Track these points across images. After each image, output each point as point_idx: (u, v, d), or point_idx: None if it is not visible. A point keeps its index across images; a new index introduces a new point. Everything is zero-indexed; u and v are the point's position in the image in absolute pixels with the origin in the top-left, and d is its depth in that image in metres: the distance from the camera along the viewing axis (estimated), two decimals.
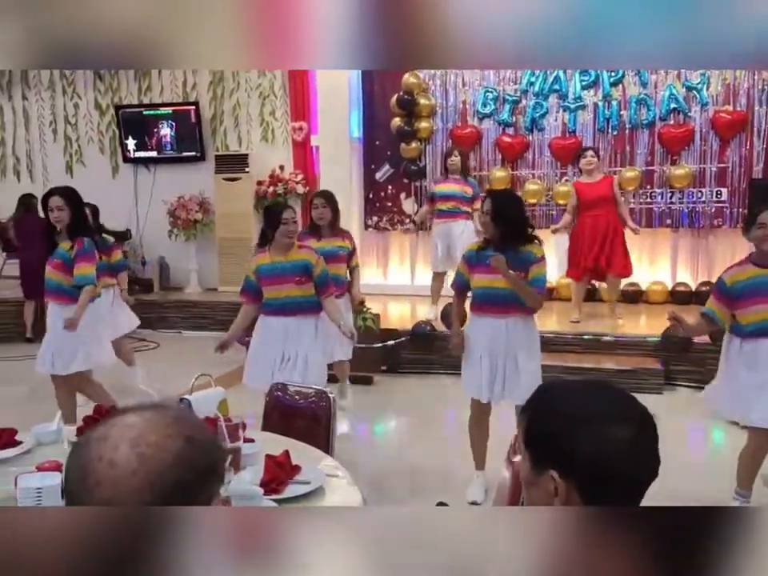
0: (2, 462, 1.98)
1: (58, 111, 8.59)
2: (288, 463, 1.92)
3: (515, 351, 3.27)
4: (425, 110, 7.20)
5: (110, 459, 0.75)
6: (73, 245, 3.73)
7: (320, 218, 4.23)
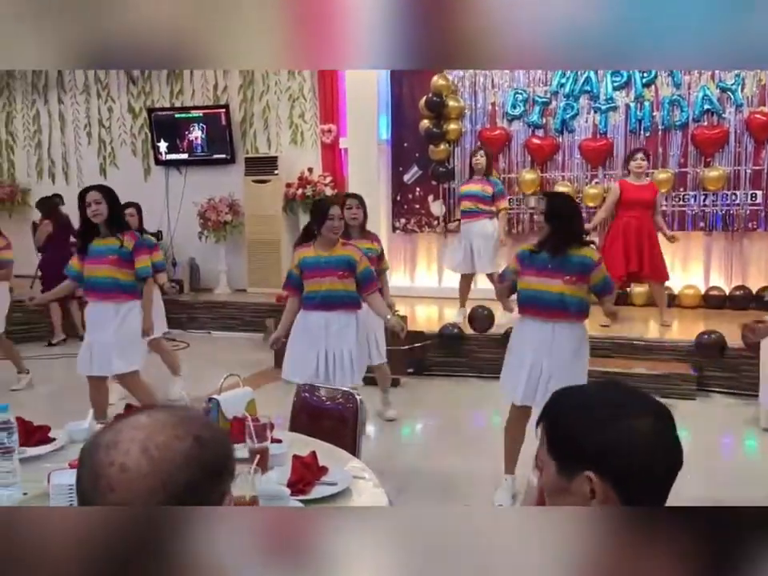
0: (36, 459, 2.02)
1: (92, 114, 8.76)
2: (315, 464, 1.92)
3: (560, 357, 3.21)
4: (454, 111, 7.18)
5: (122, 463, 0.75)
6: (122, 240, 3.75)
7: (353, 218, 4.21)
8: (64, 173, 8.95)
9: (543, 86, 7.03)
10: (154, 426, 0.78)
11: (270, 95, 8.04)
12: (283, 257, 7.83)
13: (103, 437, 0.78)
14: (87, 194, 3.75)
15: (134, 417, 0.81)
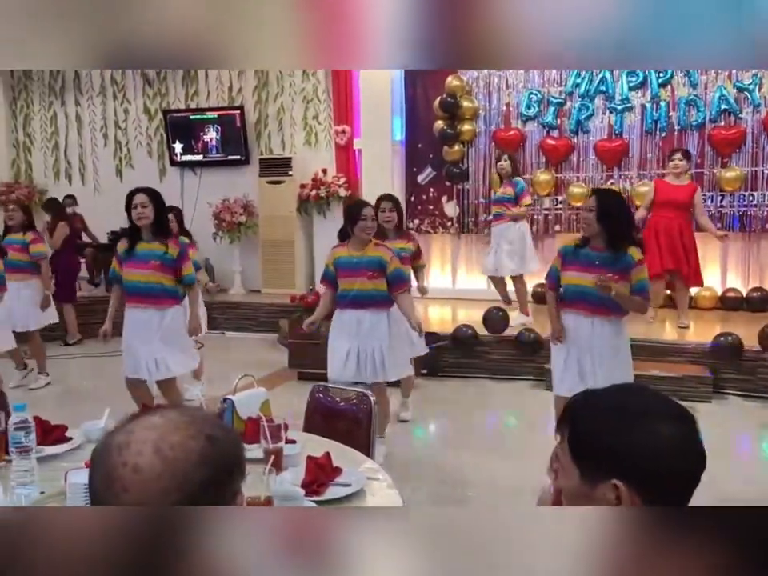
0: (53, 458, 2.05)
1: (108, 116, 8.83)
2: (329, 465, 1.93)
3: (600, 351, 3.33)
4: (468, 112, 7.17)
5: (135, 464, 0.74)
6: (167, 245, 3.69)
7: (387, 220, 4.35)
8: (81, 174, 9.04)
9: (558, 86, 7.00)
10: (166, 426, 0.78)
11: (284, 96, 8.07)
12: (297, 257, 7.86)
13: (115, 438, 0.78)
14: (134, 196, 3.70)
15: (145, 417, 0.81)
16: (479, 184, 7.36)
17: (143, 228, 3.70)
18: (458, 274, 7.69)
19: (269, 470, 1.71)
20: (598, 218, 3.23)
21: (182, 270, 3.74)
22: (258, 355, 6.41)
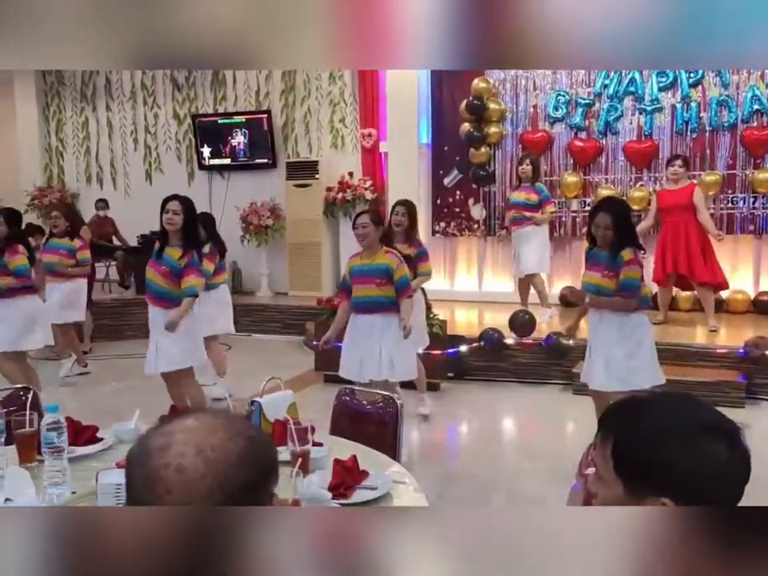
0: (85, 458, 2.07)
1: (138, 121, 8.97)
2: (356, 468, 1.92)
3: (608, 342, 3.52)
4: (494, 114, 7.13)
5: (178, 465, 0.75)
6: (183, 255, 3.82)
7: (397, 225, 4.47)
8: (112, 178, 9.19)
9: (586, 87, 6.93)
10: (205, 428, 0.79)
11: (311, 100, 8.11)
12: (323, 260, 7.89)
13: (153, 440, 0.78)
14: (168, 202, 3.91)
15: (180, 420, 0.81)
16: (506, 186, 7.30)
17: (170, 233, 3.88)
18: (484, 277, 7.64)
19: (296, 473, 1.71)
20: (614, 232, 3.45)
21: (182, 280, 3.84)
22: (285, 357, 6.45)
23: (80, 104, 9.21)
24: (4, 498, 1.70)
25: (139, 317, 7.36)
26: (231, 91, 8.49)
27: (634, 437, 0.99)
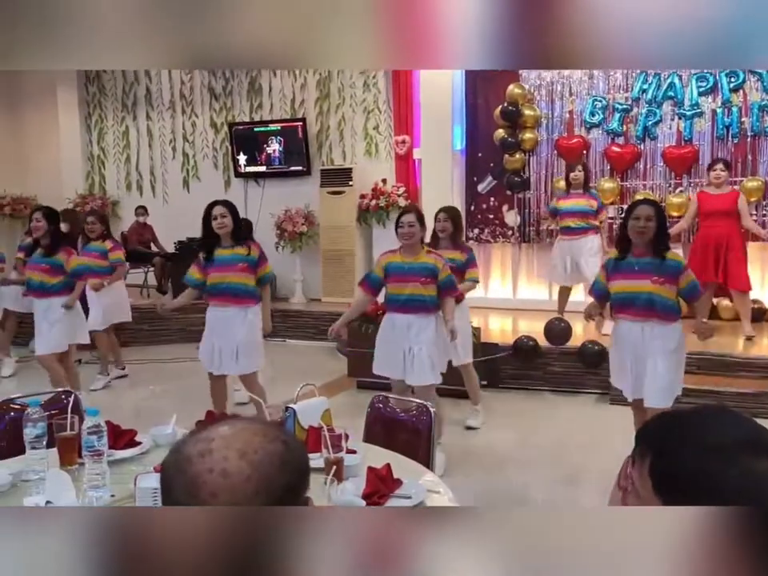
0: (123, 461, 2.11)
1: (177, 129, 9.14)
2: (390, 477, 1.92)
3: (653, 355, 3.36)
4: (529, 120, 7.08)
5: (222, 469, 0.76)
6: (249, 248, 4.03)
7: (441, 231, 4.45)
8: (151, 185, 9.37)
9: (624, 92, 6.84)
10: (244, 433, 0.80)
11: (345, 108, 8.16)
12: (357, 267, 7.91)
13: (192, 446, 0.79)
14: (213, 208, 4.05)
15: (215, 427, 0.82)
16: (540, 193, 7.25)
17: (223, 236, 4.03)
18: (518, 284, 7.58)
19: (330, 480, 1.72)
20: (657, 226, 3.33)
21: (260, 270, 4.09)
22: (318, 363, 6.48)
23: (121, 113, 9.43)
24: (45, 500, 1.74)
25: (176, 321, 7.51)
26: (267, 99, 8.60)
27: (673, 454, 0.95)
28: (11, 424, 2.46)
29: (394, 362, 3.79)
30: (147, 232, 8.46)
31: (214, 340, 4.12)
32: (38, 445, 1.95)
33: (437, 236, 4.46)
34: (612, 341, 3.64)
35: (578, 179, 5.89)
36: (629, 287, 3.40)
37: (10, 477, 1.92)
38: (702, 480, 0.91)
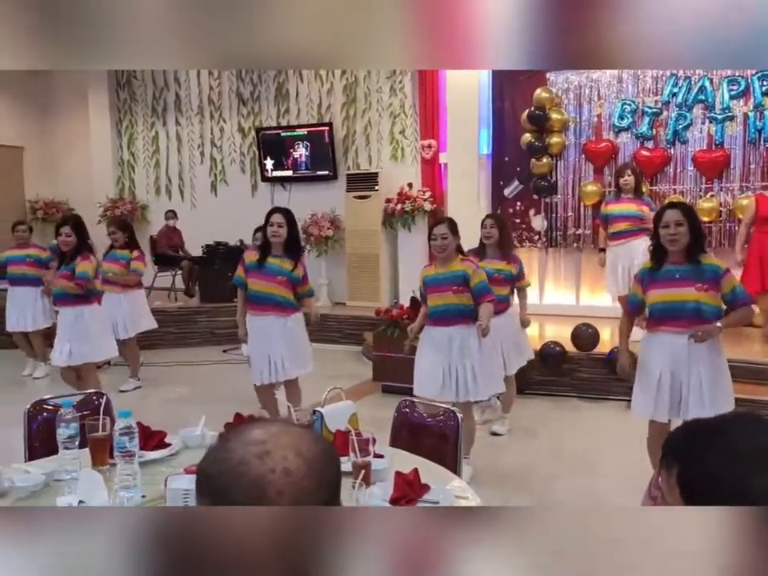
0: (153, 462, 2.13)
1: (205, 134, 9.25)
2: (417, 482, 1.91)
3: (699, 367, 3.15)
4: (557, 124, 7.03)
5: (284, 468, 0.79)
6: (295, 266, 4.07)
7: (487, 236, 4.35)
8: (179, 190, 9.49)
9: (653, 95, 6.75)
10: (291, 433, 0.83)
11: (371, 112, 8.19)
12: (382, 271, 7.92)
13: (243, 450, 0.80)
14: (272, 215, 4.09)
15: (260, 429, 0.83)
16: (567, 197, 7.19)
17: (275, 244, 4.05)
18: (545, 289, 7.52)
19: (358, 484, 1.72)
20: (689, 231, 3.13)
21: (300, 288, 4.15)
22: (343, 367, 6.49)
23: (150, 119, 9.57)
24: (78, 500, 1.77)
25: (203, 324, 7.59)
26: (294, 104, 8.66)
27: (700, 462, 0.93)
28: (44, 424, 2.50)
29: (436, 381, 3.66)
30: (176, 236, 8.56)
31: (256, 350, 4.18)
32: (71, 445, 1.98)
33: (483, 244, 4.37)
34: (643, 355, 3.34)
35: (628, 184, 5.68)
36: (671, 296, 3.15)
37: (43, 476, 1.95)
38: (728, 487, 0.90)
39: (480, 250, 4.37)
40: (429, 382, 3.71)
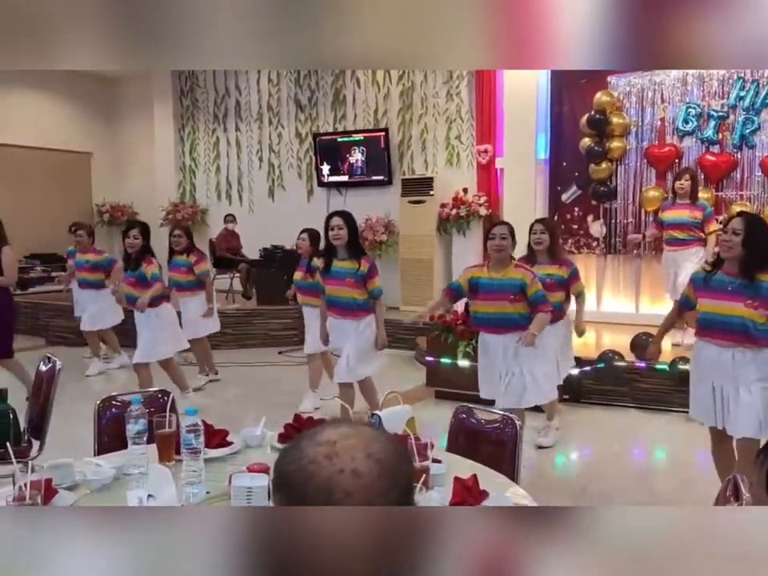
0: (216, 460, 2.19)
1: (263, 140, 9.44)
2: (476, 488, 1.90)
3: (738, 382, 3.06)
4: (618, 128, 6.89)
5: (353, 469, 0.79)
6: (360, 263, 4.12)
7: (537, 243, 4.27)
8: (238, 194, 9.71)
9: (719, 99, 6.55)
10: (361, 434, 0.84)
11: (427, 117, 8.20)
12: (435, 276, 7.91)
13: (312, 451, 0.82)
14: (331, 219, 4.16)
15: (331, 430, 0.85)
16: (628, 203, 7.03)
17: (338, 247, 4.12)
18: (603, 297, 7.37)
19: (418, 488, 1.72)
20: (743, 241, 2.98)
21: (369, 283, 4.15)
22: (396, 372, 6.50)
23: (212, 125, 9.82)
24: (147, 494, 1.83)
25: (260, 326, 7.73)
26: (351, 110, 8.74)
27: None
28: (112, 420, 2.60)
29: (495, 385, 3.72)
30: (235, 239, 8.75)
31: (337, 349, 4.32)
32: (140, 441, 2.05)
33: (532, 250, 4.30)
34: (693, 362, 3.32)
35: (683, 188, 5.56)
36: (719, 308, 3.07)
37: (113, 470, 2.02)
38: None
39: (530, 257, 4.29)
40: (490, 387, 3.76)
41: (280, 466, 0.84)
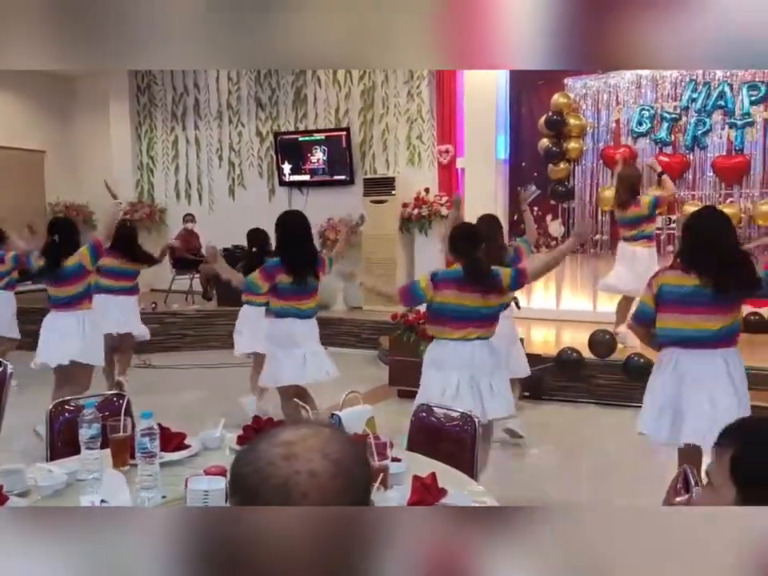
0: (173, 464, 2.15)
1: (224, 139, 9.33)
2: (435, 486, 1.92)
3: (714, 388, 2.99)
4: (575, 129, 7.01)
5: (309, 470, 0.80)
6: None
7: None
8: (198, 193, 9.58)
9: (672, 101, 6.72)
10: (319, 435, 0.84)
11: (389, 117, 8.21)
12: (398, 276, 7.93)
13: (271, 452, 0.82)
14: None
15: (290, 431, 0.84)
16: (585, 202, 7.16)
17: None
18: (562, 295, 7.48)
19: (376, 488, 1.72)
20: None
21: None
22: (359, 371, 6.50)
23: (170, 123, 9.67)
24: (100, 499, 1.79)
25: (221, 328, 7.63)
26: (312, 109, 8.71)
27: (757, 447, 1.05)
28: (65, 425, 2.54)
29: (456, 394, 3.32)
30: (194, 239, 8.63)
31: (302, 350, 4.31)
32: (93, 445, 2.00)
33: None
34: (655, 372, 3.28)
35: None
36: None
37: (65, 476, 1.98)
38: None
39: None
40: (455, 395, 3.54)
41: (237, 468, 0.83)
